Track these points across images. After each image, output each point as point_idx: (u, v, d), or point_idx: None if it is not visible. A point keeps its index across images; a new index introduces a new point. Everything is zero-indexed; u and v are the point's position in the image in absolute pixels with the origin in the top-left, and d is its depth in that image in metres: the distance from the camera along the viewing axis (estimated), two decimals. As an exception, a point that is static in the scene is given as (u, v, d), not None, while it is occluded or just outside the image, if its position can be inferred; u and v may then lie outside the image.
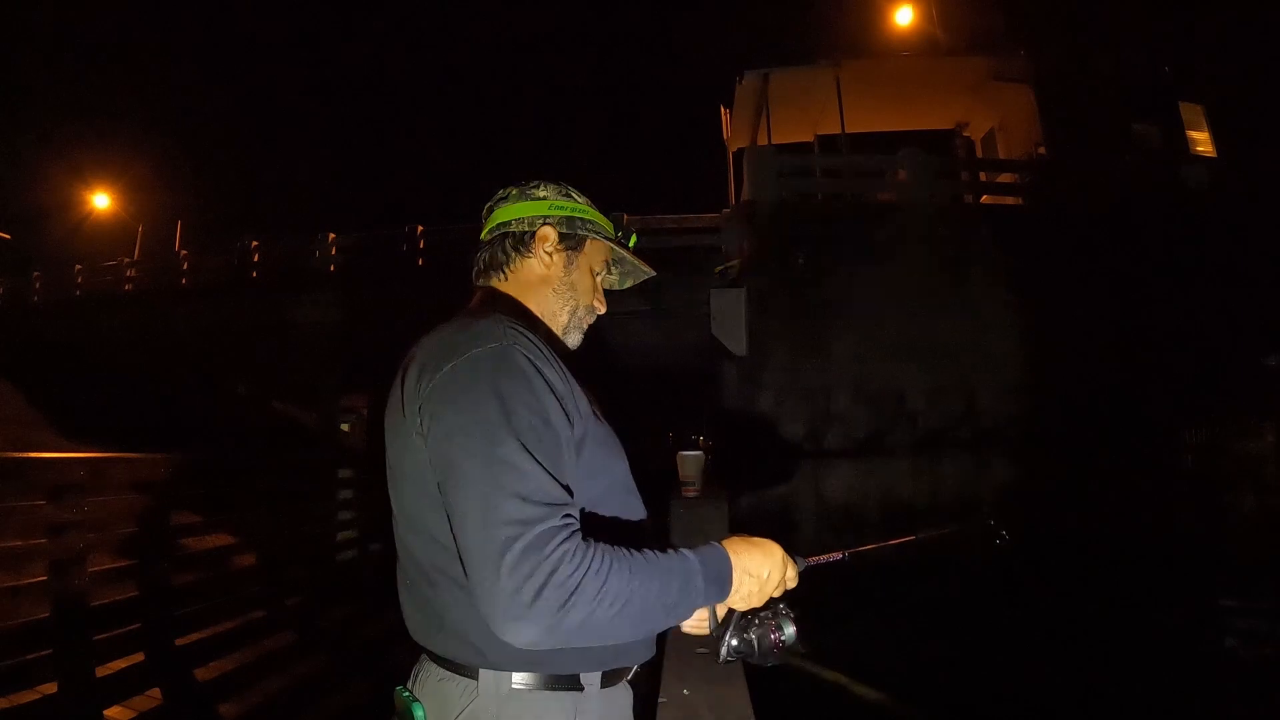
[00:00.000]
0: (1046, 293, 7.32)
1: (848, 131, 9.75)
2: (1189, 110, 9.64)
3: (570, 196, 1.12)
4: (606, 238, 1.13)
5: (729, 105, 11.04)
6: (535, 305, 1.08)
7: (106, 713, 2.68)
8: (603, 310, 1.15)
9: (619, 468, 1.00)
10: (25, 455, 3.14)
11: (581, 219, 1.11)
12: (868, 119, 10.51)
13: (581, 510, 0.88)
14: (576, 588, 0.72)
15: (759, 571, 0.90)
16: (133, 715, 2.74)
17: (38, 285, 15.58)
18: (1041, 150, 9.56)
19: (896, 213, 8.03)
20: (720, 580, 0.87)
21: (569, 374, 0.93)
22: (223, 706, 3.06)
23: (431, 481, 0.84)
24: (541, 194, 1.11)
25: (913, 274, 7.59)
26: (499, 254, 1.09)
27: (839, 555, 1.05)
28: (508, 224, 1.09)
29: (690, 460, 2.89)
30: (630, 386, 10.01)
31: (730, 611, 0.91)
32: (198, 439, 8.69)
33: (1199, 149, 9.61)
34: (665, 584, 0.80)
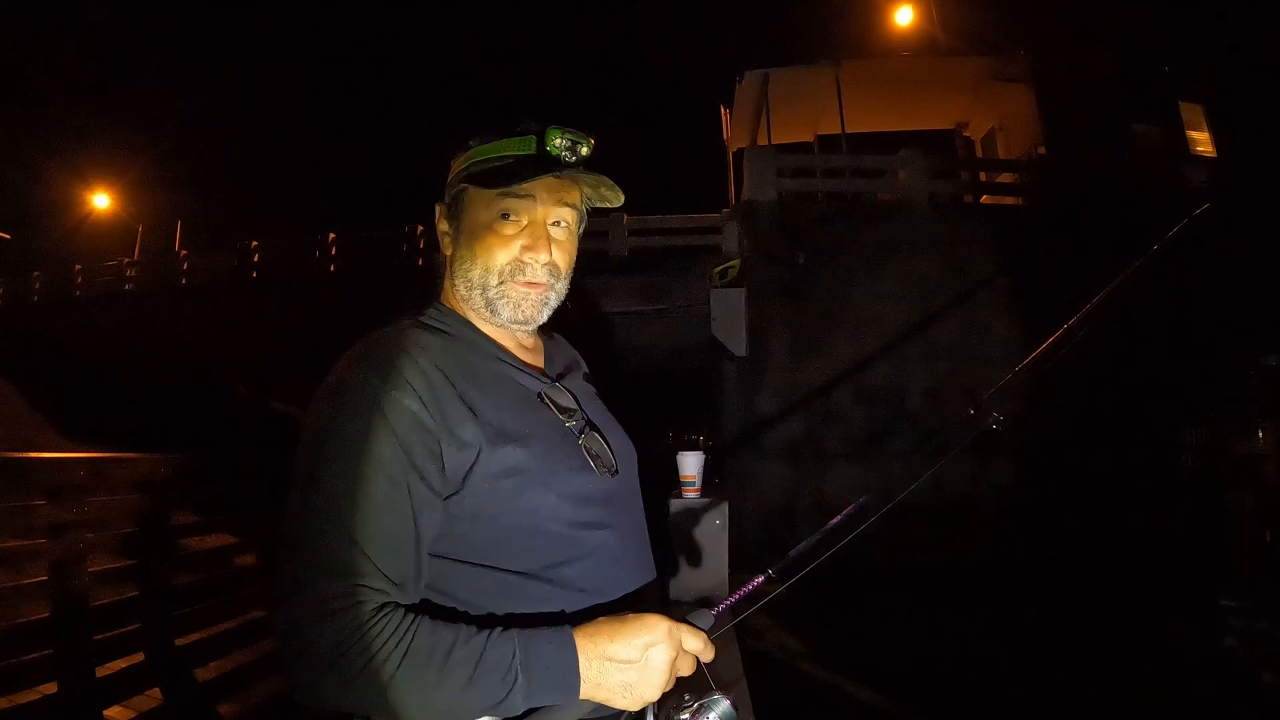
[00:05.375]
0: (1046, 293, 7.29)
1: (848, 131, 9.77)
2: (1189, 110, 9.63)
3: (468, 146, 0.91)
4: (477, 172, 0.88)
5: (729, 105, 11.04)
6: (452, 299, 0.96)
7: (106, 713, 2.67)
8: (539, 257, 0.88)
9: (539, 498, 0.81)
10: (25, 455, 3.13)
11: (461, 171, 0.91)
12: (868, 119, 10.51)
13: (470, 550, 0.80)
14: (325, 667, 0.68)
15: (629, 655, 0.71)
16: (133, 715, 2.73)
17: (38, 285, 15.59)
18: (1041, 150, 9.55)
19: (896, 213, 8.04)
20: (559, 673, 0.70)
21: (458, 394, 0.80)
22: (223, 706, 3.05)
23: None
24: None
25: (912, 274, 7.59)
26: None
27: (758, 579, 0.85)
28: None
29: (690, 460, 2.89)
30: (630, 386, 10.00)
31: (644, 711, 0.75)
32: (198, 439, 8.69)
33: (1199, 149, 9.60)
34: (444, 678, 0.67)
